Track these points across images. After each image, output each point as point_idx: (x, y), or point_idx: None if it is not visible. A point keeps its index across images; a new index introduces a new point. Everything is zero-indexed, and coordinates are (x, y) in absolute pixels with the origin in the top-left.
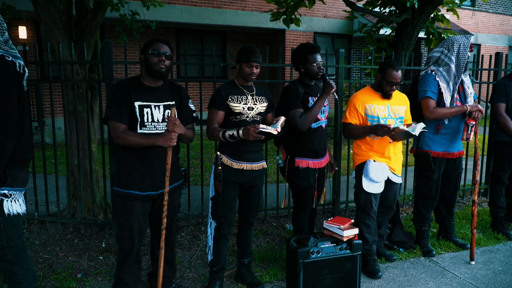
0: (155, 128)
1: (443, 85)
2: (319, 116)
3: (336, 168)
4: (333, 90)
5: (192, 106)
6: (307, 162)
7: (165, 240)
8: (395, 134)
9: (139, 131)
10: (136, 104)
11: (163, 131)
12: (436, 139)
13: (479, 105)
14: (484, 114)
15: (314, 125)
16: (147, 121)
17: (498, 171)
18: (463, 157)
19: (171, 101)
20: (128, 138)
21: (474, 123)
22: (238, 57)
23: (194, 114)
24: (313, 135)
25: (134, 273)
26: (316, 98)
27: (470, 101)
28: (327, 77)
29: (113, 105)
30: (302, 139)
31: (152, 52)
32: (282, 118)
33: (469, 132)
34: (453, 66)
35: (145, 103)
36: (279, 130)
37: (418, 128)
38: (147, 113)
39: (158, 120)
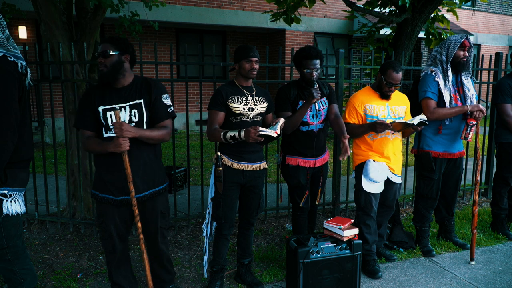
0: None
1: (442, 85)
2: (309, 121)
3: (348, 154)
4: (315, 100)
5: (167, 101)
6: (297, 160)
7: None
8: (394, 127)
9: (105, 135)
10: (100, 108)
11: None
12: (437, 139)
13: (480, 105)
14: (485, 114)
15: (303, 129)
16: (111, 125)
17: (506, 173)
18: (464, 157)
19: (138, 100)
20: (88, 145)
21: (474, 122)
22: (236, 57)
23: (169, 110)
24: (301, 138)
25: (123, 273)
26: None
27: (473, 102)
28: (315, 87)
29: (78, 113)
30: (291, 140)
31: (96, 55)
32: (282, 120)
33: (468, 132)
34: (444, 65)
35: (108, 106)
36: (278, 132)
37: (417, 118)
38: (110, 116)
39: (124, 121)
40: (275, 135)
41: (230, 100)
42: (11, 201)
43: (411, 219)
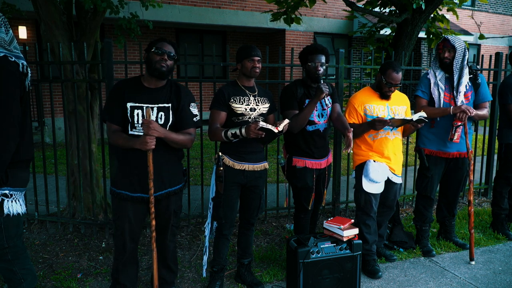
0: None
1: (432, 83)
2: (316, 120)
3: (351, 146)
4: (323, 95)
5: (194, 110)
6: (304, 161)
7: (159, 246)
8: (393, 123)
9: (130, 132)
10: (128, 105)
11: None
12: (430, 137)
13: (463, 106)
14: (470, 114)
15: (309, 128)
16: (137, 123)
17: (509, 173)
18: (467, 158)
19: (167, 103)
20: (114, 139)
21: (459, 123)
22: (238, 56)
23: (194, 119)
24: (307, 138)
25: (129, 273)
26: None
27: (464, 102)
28: (322, 82)
29: (107, 105)
30: (297, 140)
31: (155, 50)
32: (286, 120)
33: (453, 132)
34: (433, 64)
35: (137, 104)
36: (280, 128)
37: (416, 115)
38: (137, 114)
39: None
40: (276, 130)
41: (232, 100)
42: (12, 201)
43: (411, 219)
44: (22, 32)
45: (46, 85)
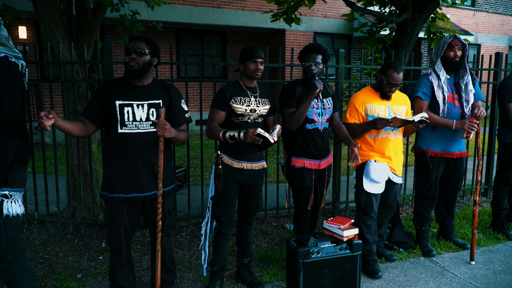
0: (137, 128)
1: (435, 84)
2: (315, 118)
3: (359, 161)
4: (317, 91)
5: (184, 106)
6: (303, 161)
7: (155, 245)
8: (394, 122)
9: (120, 130)
10: (117, 103)
11: (145, 130)
12: (434, 138)
13: (466, 125)
14: (485, 114)
15: (309, 127)
16: (128, 120)
17: (508, 173)
18: (465, 158)
19: (157, 100)
20: (76, 125)
21: (475, 121)
22: (241, 57)
23: (186, 115)
24: (306, 136)
25: (126, 275)
26: None
27: (472, 107)
28: (316, 79)
29: (88, 103)
30: (295, 139)
31: (126, 50)
32: (278, 127)
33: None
34: (435, 65)
35: (126, 102)
36: (275, 139)
37: (418, 116)
38: (127, 112)
39: (141, 119)
40: (272, 141)
41: (233, 100)
42: (11, 202)
43: (411, 219)
44: (22, 32)
45: (46, 85)
